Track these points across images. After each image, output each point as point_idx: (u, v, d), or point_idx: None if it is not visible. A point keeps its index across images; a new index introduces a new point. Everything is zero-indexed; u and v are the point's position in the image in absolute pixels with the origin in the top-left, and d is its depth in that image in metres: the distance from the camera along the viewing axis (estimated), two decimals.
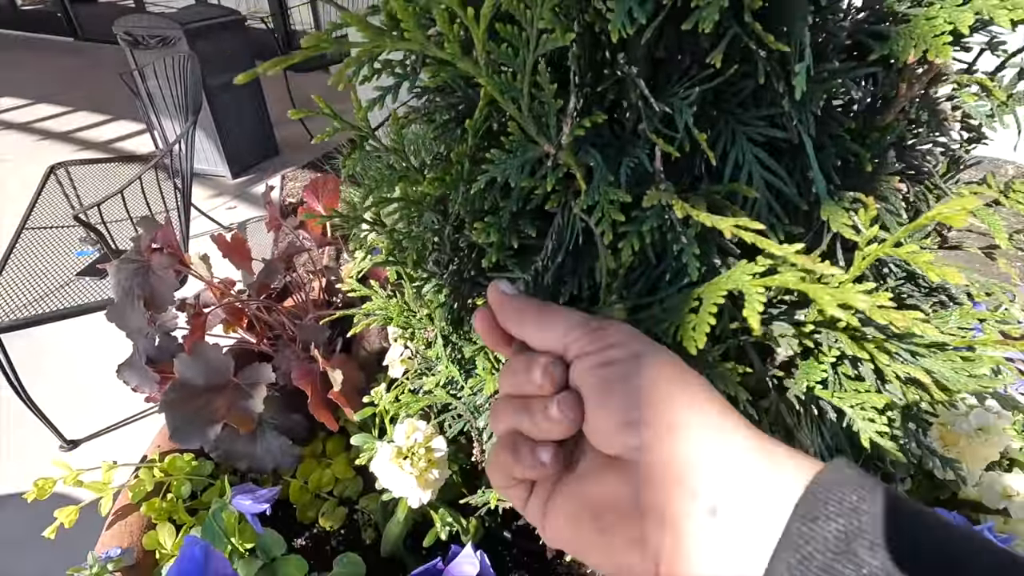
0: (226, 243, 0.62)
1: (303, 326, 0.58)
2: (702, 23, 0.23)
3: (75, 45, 5.92)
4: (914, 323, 0.24)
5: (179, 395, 0.51)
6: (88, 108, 3.99)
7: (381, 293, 0.47)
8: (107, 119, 3.79)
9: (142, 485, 0.52)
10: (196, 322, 0.57)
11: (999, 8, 0.28)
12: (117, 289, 0.54)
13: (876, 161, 0.28)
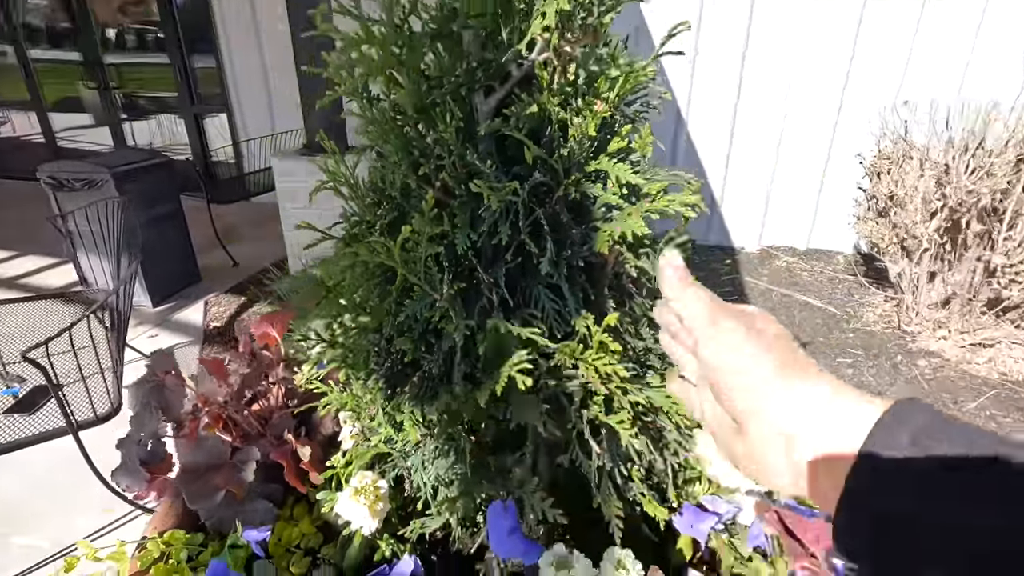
0: (211, 363, 0.81)
1: (273, 423, 0.77)
2: (503, 240, 0.50)
3: None
4: (615, 370, 0.51)
5: (189, 475, 0.67)
6: None
7: (336, 389, 0.68)
8: (8, 254, 3.73)
9: (149, 555, 0.65)
10: (192, 424, 0.74)
11: (672, 203, 0.59)
12: (136, 403, 0.70)
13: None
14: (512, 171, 0.51)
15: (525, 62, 0.47)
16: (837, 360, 2.47)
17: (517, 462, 0.56)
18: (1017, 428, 2.04)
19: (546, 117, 0.49)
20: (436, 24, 0.45)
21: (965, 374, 2.36)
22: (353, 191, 0.59)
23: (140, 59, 5.07)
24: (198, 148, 5.04)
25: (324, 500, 0.69)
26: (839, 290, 3.16)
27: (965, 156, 2.24)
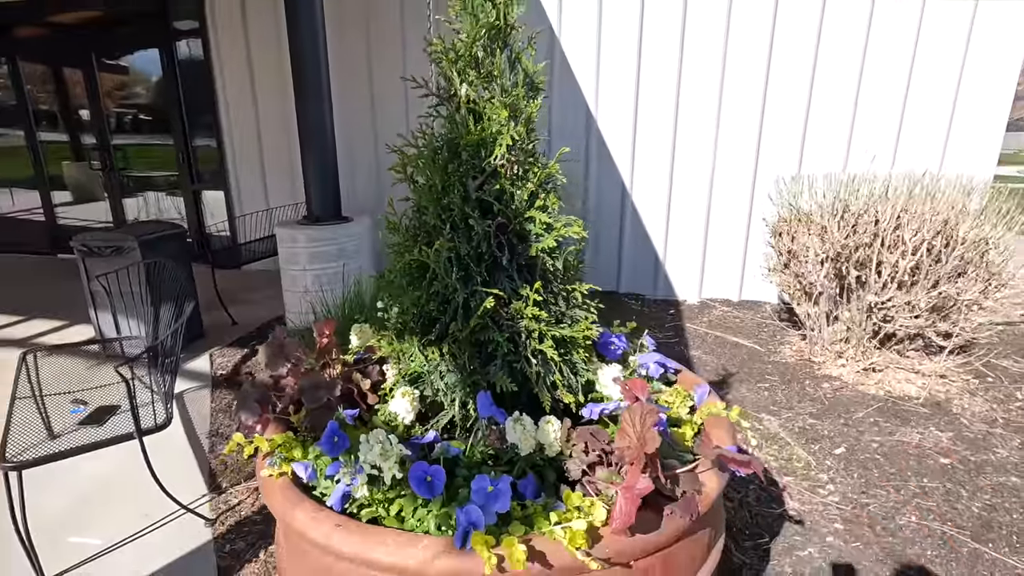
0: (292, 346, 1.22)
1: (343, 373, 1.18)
2: (483, 251, 0.98)
3: None
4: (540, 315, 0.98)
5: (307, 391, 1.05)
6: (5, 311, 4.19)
7: (385, 343, 1.12)
8: (15, 319, 4.01)
9: (274, 443, 1.03)
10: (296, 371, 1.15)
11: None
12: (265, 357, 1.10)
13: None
14: (487, 217, 1.00)
15: (493, 164, 0.96)
16: (757, 384, 2.97)
17: (493, 368, 0.99)
18: (891, 429, 2.53)
19: (503, 190, 0.97)
20: (449, 148, 0.94)
21: (858, 393, 2.88)
22: (396, 230, 1.07)
23: (145, 141, 5.60)
24: (195, 222, 5.49)
25: (378, 410, 1.10)
26: (764, 332, 3.71)
27: (835, 219, 2.88)
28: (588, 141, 4.28)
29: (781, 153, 3.98)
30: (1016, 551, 1.81)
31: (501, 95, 0.97)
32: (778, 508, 2.03)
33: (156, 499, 2.02)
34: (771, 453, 2.36)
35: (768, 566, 1.76)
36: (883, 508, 2.02)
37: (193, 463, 2.31)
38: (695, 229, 4.29)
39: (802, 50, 3.78)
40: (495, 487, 0.81)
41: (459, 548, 0.77)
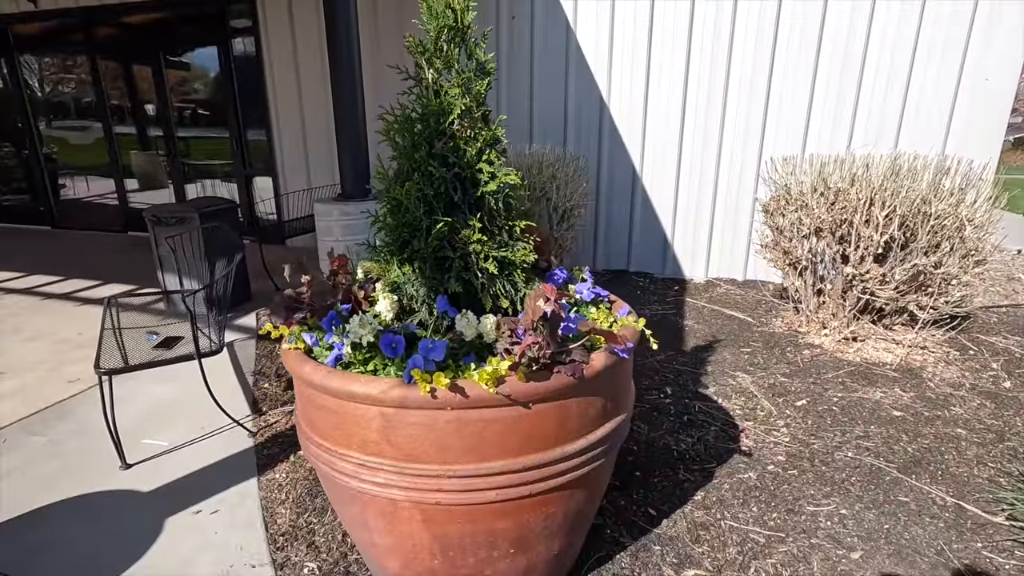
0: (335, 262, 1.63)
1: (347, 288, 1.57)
2: (443, 191, 1.33)
3: (53, 232, 6.85)
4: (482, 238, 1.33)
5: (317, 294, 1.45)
6: (78, 276, 4.85)
7: (376, 266, 1.48)
8: (96, 283, 4.64)
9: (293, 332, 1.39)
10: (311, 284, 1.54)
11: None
12: (289, 274, 1.50)
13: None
14: (446, 168, 1.36)
15: (449, 129, 1.31)
16: (740, 349, 3.22)
17: (448, 278, 1.34)
18: (856, 388, 2.75)
19: (457, 147, 1.32)
20: (418, 116, 1.30)
21: (835, 359, 3.09)
22: (384, 178, 1.44)
23: (204, 132, 6.21)
24: (246, 204, 6.06)
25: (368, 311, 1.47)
26: (761, 308, 3.93)
27: (815, 195, 3.09)
28: (601, 126, 4.57)
29: (787, 137, 4.16)
30: (936, 482, 2.04)
31: (456, 77, 1.32)
32: (733, 445, 2.31)
33: (210, 416, 2.48)
34: (738, 403, 2.63)
35: (709, 483, 2.05)
36: (826, 447, 2.27)
37: (240, 393, 2.77)
38: (702, 211, 4.52)
39: (807, 36, 3.95)
40: (434, 344, 1.16)
41: (406, 383, 1.13)
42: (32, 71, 6.62)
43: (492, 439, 1.17)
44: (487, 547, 1.29)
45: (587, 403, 1.25)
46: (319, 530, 1.85)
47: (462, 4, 1.32)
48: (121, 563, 1.71)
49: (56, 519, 1.90)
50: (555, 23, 4.43)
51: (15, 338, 3.53)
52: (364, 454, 1.22)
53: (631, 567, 1.66)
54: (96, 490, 2.06)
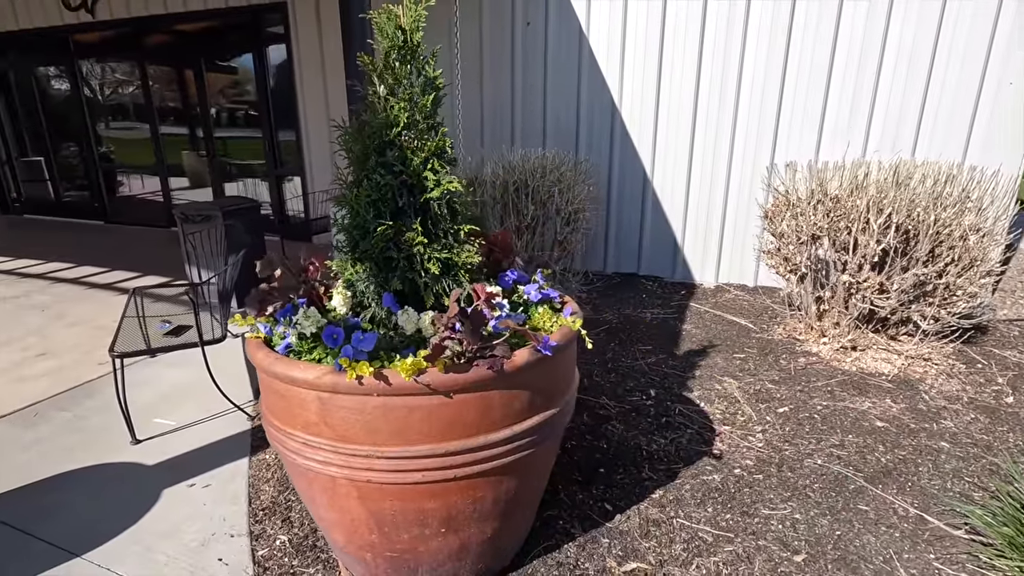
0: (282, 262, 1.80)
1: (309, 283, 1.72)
2: (392, 196, 1.44)
3: (105, 227, 7.37)
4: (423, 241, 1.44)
5: (280, 292, 1.60)
6: (122, 268, 5.23)
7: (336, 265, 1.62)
8: (136, 274, 5.00)
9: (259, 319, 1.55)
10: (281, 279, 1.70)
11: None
12: (261, 269, 1.67)
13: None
14: (394, 175, 1.47)
15: (398, 138, 1.43)
16: (733, 355, 3.22)
17: (393, 277, 1.46)
18: (843, 397, 2.72)
19: (404, 156, 1.43)
20: (368, 127, 1.42)
21: (830, 367, 3.05)
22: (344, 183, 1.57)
23: (239, 133, 6.56)
24: (277, 202, 6.38)
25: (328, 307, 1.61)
26: (765, 314, 3.89)
27: (811, 203, 3.07)
28: (613, 132, 4.61)
29: (800, 141, 4.10)
30: (903, 493, 2.02)
31: (403, 92, 1.43)
32: (705, 448, 2.34)
33: (216, 400, 2.68)
34: (719, 408, 2.65)
35: (671, 483, 2.10)
36: (797, 453, 2.28)
37: (246, 380, 2.97)
38: (713, 216, 4.50)
39: (821, 39, 3.89)
40: (364, 336, 1.28)
41: (338, 370, 1.26)
42: (90, 76, 7.15)
43: (416, 425, 1.28)
44: (419, 525, 1.40)
45: (511, 396, 1.34)
46: (295, 507, 2.00)
47: (411, 25, 1.43)
48: (117, 527, 1.90)
49: (68, 486, 2.13)
50: (568, 29, 4.50)
51: (59, 323, 3.87)
52: (307, 434, 1.35)
53: (576, 557, 1.74)
54: (107, 462, 2.28)
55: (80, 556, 1.77)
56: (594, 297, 4.26)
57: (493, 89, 4.86)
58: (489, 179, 3.98)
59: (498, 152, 4.41)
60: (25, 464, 2.26)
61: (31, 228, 7.35)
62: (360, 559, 1.52)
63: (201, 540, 1.85)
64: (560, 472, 2.15)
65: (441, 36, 4.76)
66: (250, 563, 1.74)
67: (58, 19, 6.64)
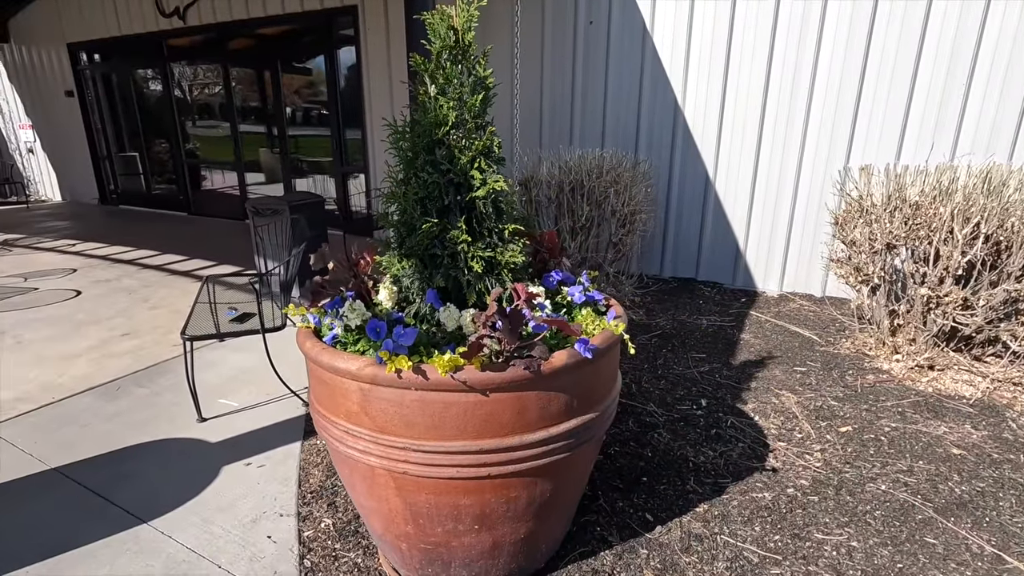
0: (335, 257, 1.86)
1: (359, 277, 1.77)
2: (439, 194, 1.47)
3: (188, 218, 7.92)
4: (468, 239, 1.45)
5: (331, 285, 1.67)
6: (200, 257, 5.60)
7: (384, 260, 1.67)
8: (212, 263, 5.34)
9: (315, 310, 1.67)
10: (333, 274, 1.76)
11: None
12: (316, 262, 1.73)
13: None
14: (442, 173, 1.49)
15: (446, 137, 1.44)
16: (794, 368, 3.06)
17: (437, 273, 1.47)
18: (916, 420, 2.52)
19: (452, 155, 1.45)
20: (418, 126, 1.44)
21: (902, 387, 2.84)
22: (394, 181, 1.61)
23: (310, 132, 6.88)
24: (342, 198, 6.64)
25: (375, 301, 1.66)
26: (832, 327, 3.67)
27: (887, 210, 2.85)
28: (675, 132, 4.48)
29: (878, 145, 3.84)
30: (978, 528, 1.85)
31: (452, 91, 1.45)
32: (756, 464, 2.24)
33: (273, 386, 2.83)
34: (775, 423, 2.53)
35: (717, 498, 2.02)
36: (859, 477, 2.13)
37: (302, 368, 3.11)
38: (779, 221, 4.29)
39: (906, 35, 3.62)
40: (405, 331, 1.30)
41: (378, 363, 1.29)
42: (180, 78, 7.70)
43: (451, 421, 1.29)
44: (452, 520, 1.41)
45: (548, 398, 1.33)
46: (340, 493, 2.07)
47: (464, 25, 1.44)
48: (180, 498, 2.04)
49: (141, 457, 2.30)
50: (631, 27, 4.41)
51: (143, 306, 4.19)
52: (349, 423, 1.39)
53: (612, 566, 1.70)
54: (175, 437, 2.45)
55: (146, 523, 1.91)
56: (648, 301, 4.16)
57: (553, 88, 4.84)
58: (544, 179, 3.97)
59: (556, 152, 4.39)
60: (107, 434, 2.47)
61: (125, 217, 8.00)
62: (396, 548, 1.55)
63: (253, 517, 1.95)
64: (600, 478, 2.12)
65: (503, 35, 4.79)
66: (296, 543, 1.82)
67: (154, 25, 7.19)
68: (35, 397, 2.80)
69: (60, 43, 8.27)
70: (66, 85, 8.52)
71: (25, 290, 4.60)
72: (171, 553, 1.78)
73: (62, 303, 4.26)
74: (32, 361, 3.22)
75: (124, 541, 1.83)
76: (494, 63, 5.02)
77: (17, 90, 9.30)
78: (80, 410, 2.67)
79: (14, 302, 4.30)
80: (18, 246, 6.24)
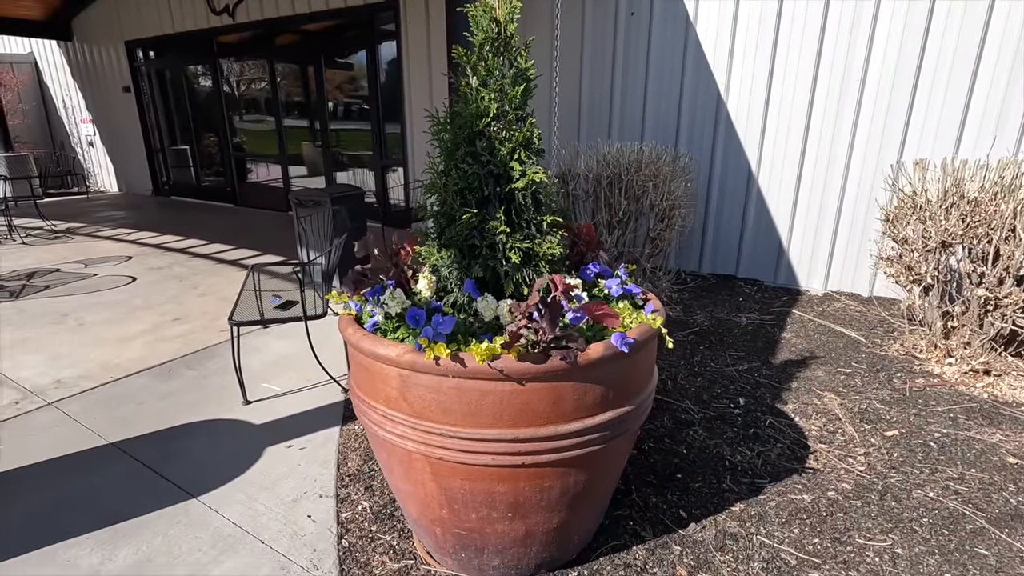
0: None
1: (399, 267, 1.81)
2: (480, 185, 1.48)
3: (235, 209, 8.20)
4: (506, 230, 1.46)
5: (372, 273, 1.72)
6: (245, 247, 5.80)
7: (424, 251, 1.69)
8: (257, 253, 5.52)
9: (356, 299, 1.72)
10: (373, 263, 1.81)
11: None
12: (360, 249, 1.79)
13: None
14: (482, 165, 1.51)
15: (487, 128, 1.45)
16: (838, 369, 2.96)
17: (475, 264, 1.49)
18: (969, 426, 2.41)
19: (492, 146, 1.46)
20: (459, 117, 1.46)
21: (955, 391, 2.72)
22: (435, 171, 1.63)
23: (351, 126, 7.01)
24: (381, 191, 6.75)
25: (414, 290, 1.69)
26: (880, 328, 3.54)
27: (942, 206, 2.72)
28: (716, 125, 4.38)
29: (935, 138, 3.66)
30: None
31: (494, 84, 1.46)
32: (795, 465, 2.19)
33: (314, 372, 2.91)
34: (816, 424, 2.46)
35: (754, 498, 1.98)
36: (905, 482, 2.06)
37: (342, 355, 3.19)
38: (825, 217, 4.15)
39: (969, 22, 3.44)
40: (444, 319, 1.33)
41: (418, 350, 1.32)
42: (228, 73, 7.96)
43: (488, 408, 1.31)
44: (487, 507, 1.44)
45: (583, 389, 1.34)
46: (377, 477, 2.13)
47: (506, 17, 1.45)
48: (226, 475, 2.13)
49: (190, 435, 2.41)
50: (674, 18, 4.33)
51: (193, 292, 4.38)
52: (388, 408, 1.43)
53: (644, 560, 1.70)
54: (222, 418, 2.56)
55: (195, 497, 2.01)
56: (685, 297, 4.10)
57: (592, 80, 4.80)
58: (582, 172, 3.95)
59: (594, 145, 4.36)
60: (159, 412, 2.60)
61: (176, 208, 8.35)
62: (430, 532, 1.59)
63: (294, 497, 2.02)
64: (634, 472, 2.11)
65: (542, 26, 4.77)
66: (334, 523, 1.88)
67: (205, 22, 7.45)
68: (96, 375, 2.96)
69: (118, 40, 8.66)
70: (123, 81, 8.92)
71: (86, 275, 4.86)
72: (218, 527, 1.86)
73: (119, 288, 4.49)
74: (93, 342, 3.41)
75: (175, 514, 1.93)
76: (533, 55, 5.00)
77: (79, 86, 9.79)
78: (136, 389, 2.82)
79: (77, 286, 4.55)
80: (79, 234, 6.59)
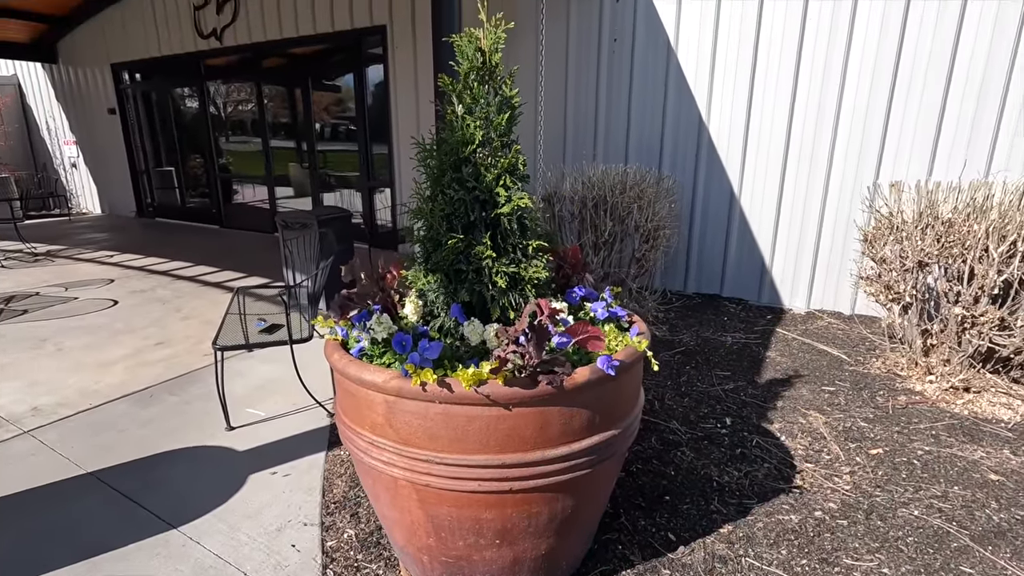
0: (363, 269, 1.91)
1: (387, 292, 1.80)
2: (466, 210, 1.50)
3: (220, 231, 8.15)
4: (492, 255, 1.47)
5: (359, 298, 1.71)
6: (230, 268, 5.75)
7: (410, 275, 1.70)
8: (242, 275, 5.48)
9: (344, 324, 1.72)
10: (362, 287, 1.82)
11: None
12: (347, 274, 1.78)
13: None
14: (468, 191, 1.53)
15: (473, 155, 1.48)
16: (822, 387, 2.99)
17: (461, 288, 1.50)
18: (951, 443, 2.44)
19: (478, 172, 1.48)
20: (445, 144, 1.48)
21: (936, 409, 2.76)
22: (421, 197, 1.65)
23: (338, 147, 7.04)
24: (368, 213, 6.76)
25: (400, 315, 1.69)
26: (861, 346, 3.59)
27: (918, 227, 2.80)
28: (699, 148, 4.47)
29: (908, 161, 3.77)
30: (1019, 558, 1.78)
31: (479, 112, 1.49)
32: (782, 485, 2.19)
33: (300, 396, 2.88)
34: (802, 444, 2.48)
35: (742, 519, 1.98)
36: (890, 501, 2.07)
37: (328, 379, 3.16)
38: (806, 237, 4.23)
39: (938, 49, 3.57)
40: (430, 345, 1.33)
41: (404, 376, 1.31)
42: (215, 96, 7.98)
43: (474, 434, 1.31)
44: (474, 534, 1.42)
45: (570, 413, 1.34)
46: (363, 504, 2.10)
47: (491, 47, 1.49)
48: (208, 505, 2.09)
49: (171, 463, 2.36)
50: (655, 44, 4.44)
51: (176, 316, 4.32)
52: (374, 434, 1.42)
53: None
54: (205, 444, 2.51)
55: (176, 528, 1.96)
56: (671, 317, 4.13)
57: (577, 104, 4.89)
58: (568, 194, 4.00)
59: (579, 167, 4.42)
60: (140, 439, 2.54)
61: (160, 230, 8.28)
62: (417, 560, 1.56)
63: (278, 525, 1.98)
64: (623, 495, 2.10)
65: (528, 52, 4.87)
66: (319, 552, 1.84)
67: (192, 46, 7.48)
68: (74, 402, 2.90)
69: (104, 63, 8.66)
70: (109, 103, 8.90)
71: (66, 299, 4.78)
72: (198, 559, 1.82)
73: (100, 312, 4.42)
74: (72, 367, 3.34)
75: (155, 545, 1.88)
76: (519, 80, 5.09)
77: (63, 108, 9.74)
78: (116, 416, 2.76)
79: (56, 310, 4.47)
80: (60, 256, 6.50)
